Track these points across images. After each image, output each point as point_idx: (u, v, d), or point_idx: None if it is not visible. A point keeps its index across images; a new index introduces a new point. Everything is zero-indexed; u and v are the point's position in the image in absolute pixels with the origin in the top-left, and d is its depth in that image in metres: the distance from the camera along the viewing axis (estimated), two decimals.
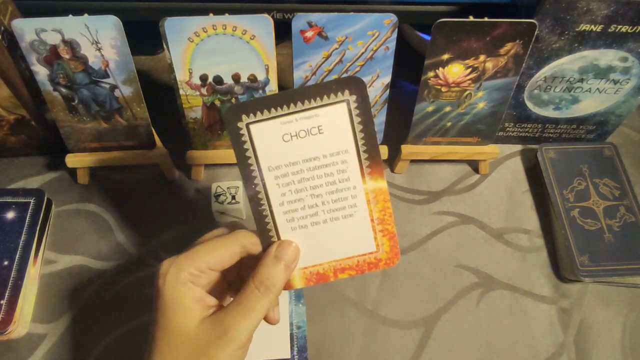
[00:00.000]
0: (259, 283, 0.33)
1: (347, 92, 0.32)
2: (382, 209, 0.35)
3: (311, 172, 0.34)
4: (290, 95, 0.32)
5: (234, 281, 0.38)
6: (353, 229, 0.35)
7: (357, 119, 0.33)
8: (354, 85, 0.32)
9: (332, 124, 0.33)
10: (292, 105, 0.32)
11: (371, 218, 0.35)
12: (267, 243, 0.35)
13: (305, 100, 0.32)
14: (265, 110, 0.32)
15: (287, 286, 0.35)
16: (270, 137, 0.33)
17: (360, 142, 0.33)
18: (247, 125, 0.33)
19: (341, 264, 0.36)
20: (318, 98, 0.32)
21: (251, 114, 0.33)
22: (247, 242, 0.34)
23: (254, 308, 0.32)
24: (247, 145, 0.33)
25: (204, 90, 0.54)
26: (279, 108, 0.32)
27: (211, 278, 0.34)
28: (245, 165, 0.34)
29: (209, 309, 0.33)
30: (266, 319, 0.35)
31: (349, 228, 0.35)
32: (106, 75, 0.51)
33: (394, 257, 0.36)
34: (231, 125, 0.33)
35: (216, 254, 0.34)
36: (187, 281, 0.32)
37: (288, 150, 0.33)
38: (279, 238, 0.35)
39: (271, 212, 0.34)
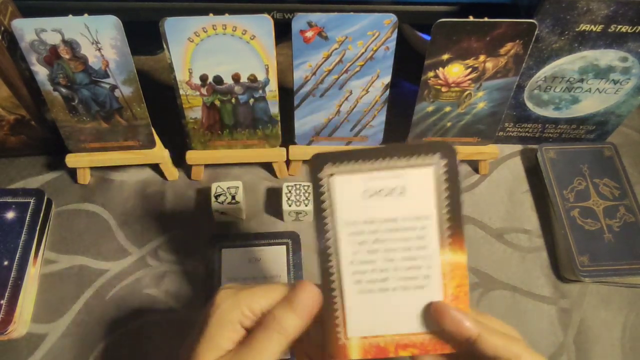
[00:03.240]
0: (268, 322, 0.31)
1: (437, 156, 0.31)
2: (458, 285, 0.32)
3: (388, 234, 0.32)
4: (378, 150, 0.31)
5: None
6: (423, 303, 0.32)
7: (443, 186, 0.31)
8: (446, 150, 0.31)
9: (417, 187, 0.31)
10: (378, 161, 0.31)
11: (445, 294, 0.32)
12: (327, 308, 0.32)
13: (393, 158, 0.31)
14: (351, 163, 0.31)
15: (342, 355, 0.33)
16: (351, 191, 0.31)
17: (443, 210, 0.31)
18: (330, 175, 0.31)
19: (404, 340, 0.32)
20: (406, 158, 0.31)
21: (336, 164, 0.31)
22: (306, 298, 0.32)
23: (262, 351, 0.30)
24: (325, 197, 0.32)
25: (204, 90, 0.54)
26: (364, 162, 0.31)
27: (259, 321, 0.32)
28: (320, 216, 0.32)
29: None
30: None
31: (419, 301, 0.32)
32: (106, 75, 0.51)
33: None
34: (314, 174, 0.32)
35: (274, 301, 0.32)
36: (236, 321, 0.31)
37: (367, 208, 0.31)
38: (341, 300, 0.32)
39: (339, 269, 0.32)
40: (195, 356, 0.31)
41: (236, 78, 0.53)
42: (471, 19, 0.49)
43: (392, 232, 0.32)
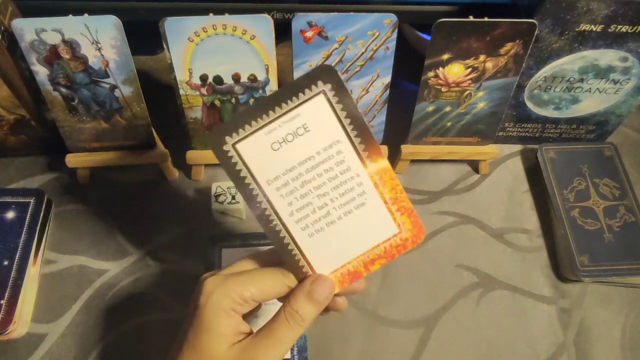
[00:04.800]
0: (289, 315, 0.32)
1: (320, 83, 0.31)
2: (391, 188, 0.33)
3: (310, 172, 0.33)
4: (265, 102, 0.31)
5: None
6: (370, 217, 0.34)
7: (338, 106, 0.32)
8: (326, 73, 0.31)
9: (316, 119, 0.32)
10: (270, 112, 0.31)
11: (384, 200, 0.33)
12: (290, 262, 0.34)
13: (282, 103, 0.31)
14: (247, 125, 0.31)
15: None
16: (259, 150, 0.32)
17: (349, 128, 0.32)
18: (233, 145, 0.32)
19: (369, 256, 0.34)
20: (294, 97, 0.31)
21: (234, 133, 0.31)
22: (294, 283, 0.34)
23: (282, 340, 0.32)
24: (240, 166, 0.32)
25: (204, 90, 0.54)
26: (258, 119, 0.31)
27: (251, 307, 0.34)
28: (243, 185, 0.32)
29: (241, 335, 0.33)
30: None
31: (366, 217, 0.34)
32: (106, 75, 0.51)
33: (418, 233, 0.34)
34: (218, 150, 0.32)
35: (264, 288, 0.33)
36: (229, 308, 0.32)
37: (281, 158, 0.32)
38: (299, 250, 0.34)
39: (283, 225, 0.33)
40: (202, 347, 0.32)
41: (236, 78, 0.53)
42: (471, 19, 0.49)
43: (313, 169, 0.33)
